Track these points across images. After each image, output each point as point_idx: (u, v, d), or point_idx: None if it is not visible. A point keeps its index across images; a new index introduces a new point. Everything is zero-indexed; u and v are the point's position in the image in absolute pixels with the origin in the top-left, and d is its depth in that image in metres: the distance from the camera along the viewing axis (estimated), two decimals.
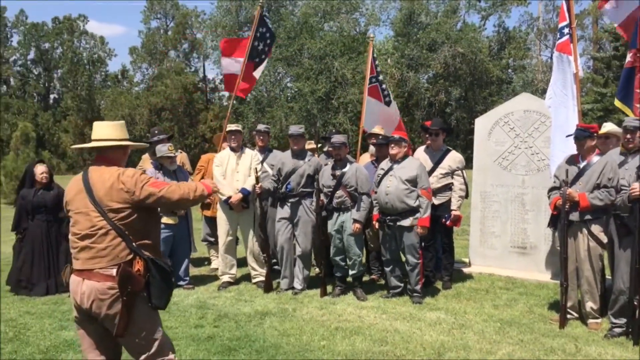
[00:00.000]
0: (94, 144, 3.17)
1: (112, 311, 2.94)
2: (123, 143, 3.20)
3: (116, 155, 3.19)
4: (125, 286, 2.90)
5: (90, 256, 2.97)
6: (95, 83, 42.07)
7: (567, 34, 5.73)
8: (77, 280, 3.01)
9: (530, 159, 7.11)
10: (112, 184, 2.98)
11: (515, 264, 7.17)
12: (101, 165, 3.11)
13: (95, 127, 3.23)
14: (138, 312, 2.99)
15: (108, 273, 2.94)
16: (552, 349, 4.55)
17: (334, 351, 4.54)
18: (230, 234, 6.69)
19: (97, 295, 2.93)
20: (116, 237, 2.97)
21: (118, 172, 3.03)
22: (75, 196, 3.08)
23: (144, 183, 3.01)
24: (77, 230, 3.04)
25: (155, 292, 3.02)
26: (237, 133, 6.74)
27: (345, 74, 29.55)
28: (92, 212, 2.98)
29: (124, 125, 3.28)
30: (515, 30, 38.75)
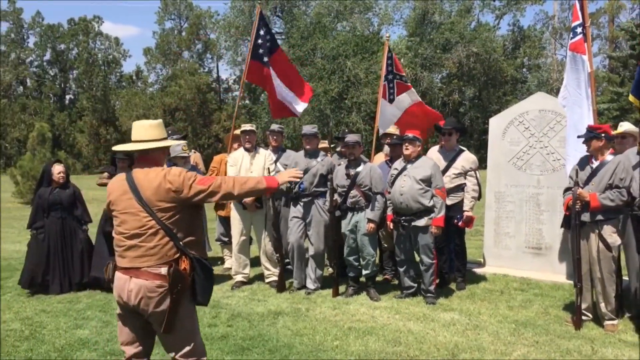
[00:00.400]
0: (138, 146, 3.17)
1: (159, 308, 3.02)
2: (165, 144, 3.24)
3: (158, 155, 3.22)
4: (176, 285, 2.99)
5: (139, 254, 3.04)
6: (110, 84, 42.43)
7: (581, 33, 5.67)
8: (124, 278, 3.08)
9: (545, 158, 7.05)
10: (159, 184, 3.03)
11: (530, 264, 7.11)
12: (144, 167, 3.15)
13: (136, 128, 3.23)
14: (183, 309, 3.09)
15: (157, 271, 3.02)
16: (568, 350, 4.50)
17: (347, 351, 4.53)
18: (244, 234, 6.71)
19: (145, 293, 3.01)
20: (164, 236, 3.04)
21: (164, 172, 3.08)
22: (120, 197, 3.13)
23: (192, 181, 3.06)
24: (125, 230, 3.09)
25: (199, 289, 3.12)
26: (251, 133, 6.76)
27: (358, 74, 29.51)
28: (141, 212, 3.04)
29: (162, 124, 3.30)
30: (530, 29, 38.45)
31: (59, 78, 43.91)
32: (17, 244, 9.77)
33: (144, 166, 3.15)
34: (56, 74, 44.01)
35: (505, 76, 34.93)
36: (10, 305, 5.86)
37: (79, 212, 6.57)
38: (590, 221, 5.03)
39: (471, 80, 34.44)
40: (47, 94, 42.49)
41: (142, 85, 43.17)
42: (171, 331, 3.06)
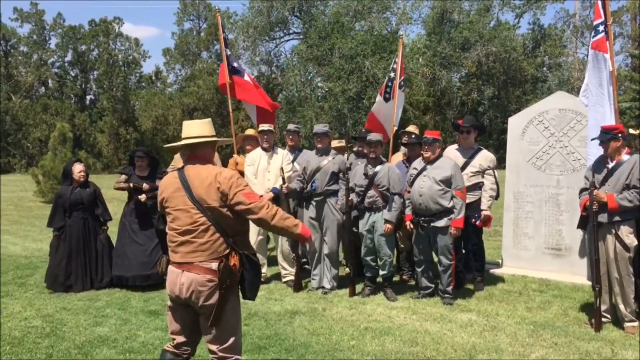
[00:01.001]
0: (185, 142, 3.29)
1: (209, 302, 3.12)
2: (211, 139, 3.30)
3: (207, 152, 3.31)
4: (225, 280, 3.10)
5: (191, 250, 3.15)
6: (130, 84, 42.84)
7: (603, 32, 5.59)
8: (177, 272, 3.19)
9: (565, 158, 6.96)
10: (211, 182, 3.12)
11: (549, 265, 7.03)
12: (195, 164, 3.25)
13: (186, 126, 3.34)
14: (230, 305, 3.19)
15: (208, 266, 3.12)
16: (587, 352, 4.45)
17: (363, 351, 4.52)
18: (261, 233, 6.73)
19: (196, 287, 3.11)
20: (215, 232, 3.14)
21: (216, 171, 3.18)
22: (172, 194, 3.23)
23: (239, 190, 3.14)
24: (177, 226, 3.20)
25: (248, 285, 3.23)
26: (268, 133, 6.79)
27: (376, 74, 29.41)
28: (192, 209, 3.15)
29: (211, 122, 3.40)
30: (551, 27, 37.97)
31: (79, 79, 44.48)
32: (38, 242, 9.92)
33: (195, 163, 3.25)
34: (77, 75, 44.58)
35: (525, 75, 34.54)
36: (32, 303, 5.95)
37: (100, 211, 6.65)
38: (607, 222, 4.97)
39: (490, 80, 34.13)
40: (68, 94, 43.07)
41: (161, 86, 43.56)
42: (217, 324, 3.15)
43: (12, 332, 4.99)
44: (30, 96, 41.14)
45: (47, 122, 36.42)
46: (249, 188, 3.20)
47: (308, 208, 6.42)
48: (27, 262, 8.12)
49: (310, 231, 3.45)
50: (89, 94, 45.48)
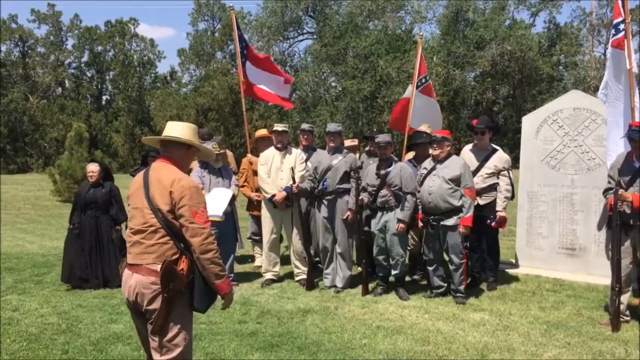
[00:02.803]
0: (161, 137, 3.21)
1: (152, 306, 2.98)
2: (187, 142, 3.19)
3: (179, 154, 3.19)
4: (167, 283, 2.91)
5: (140, 251, 3.03)
6: (145, 84, 43.17)
7: (623, 30, 5.55)
8: (128, 274, 3.08)
9: (580, 157, 6.91)
10: (166, 185, 3.01)
11: (563, 265, 6.99)
12: (164, 163, 3.15)
13: (168, 125, 3.26)
14: (175, 312, 3.00)
15: (153, 268, 2.98)
16: (601, 352, 4.42)
17: (375, 350, 4.54)
18: (274, 232, 6.78)
19: (140, 289, 2.99)
20: (165, 235, 3.00)
21: (176, 176, 3.05)
22: (135, 191, 3.15)
23: (189, 204, 2.98)
24: (132, 225, 3.11)
25: (197, 293, 3.02)
26: (283, 133, 6.82)
27: (390, 73, 29.35)
28: (146, 209, 3.04)
29: (194, 128, 3.28)
30: (567, 26, 37.59)
31: (96, 79, 44.92)
32: (55, 241, 10.06)
33: (164, 163, 3.15)
34: (93, 75, 45.02)
35: (540, 74, 34.20)
36: (49, 300, 6.05)
37: (114, 211, 6.72)
38: (636, 223, 4.91)
39: (505, 79, 33.83)
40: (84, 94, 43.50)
41: (176, 86, 43.81)
42: (159, 333, 2.99)
43: (29, 328, 5.08)
44: (47, 97, 41.61)
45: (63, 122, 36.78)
46: (201, 207, 3.02)
47: (320, 207, 6.45)
48: (44, 260, 8.24)
49: (231, 288, 3.14)
50: (104, 94, 45.92)
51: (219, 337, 4.79)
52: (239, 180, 7.52)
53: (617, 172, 5.04)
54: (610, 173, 5.22)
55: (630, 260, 5.04)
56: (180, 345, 3.04)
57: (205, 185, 6.50)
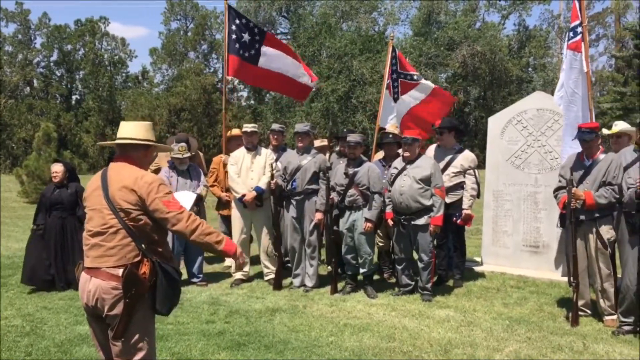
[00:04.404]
0: (116, 142, 3.17)
1: (113, 312, 2.91)
2: (143, 142, 3.14)
3: (137, 155, 3.15)
4: (129, 288, 2.87)
5: (99, 254, 2.95)
6: (116, 84, 42.60)
7: (580, 33, 5.72)
8: (86, 278, 3.00)
9: (543, 157, 7.08)
10: (128, 184, 2.95)
11: (527, 262, 7.15)
12: (123, 163, 3.10)
13: (121, 126, 3.21)
14: (138, 317, 2.95)
15: (114, 272, 2.90)
16: (560, 346, 4.56)
17: (342, 347, 4.59)
18: (244, 232, 6.79)
19: (100, 294, 2.91)
20: (126, 237, 2.93)
21: (138, 174, 3.01)
22: (92, 193, 3.07)
23: (158, 196, 2.95)
24: (90, 227, 3.02)
25: (160, 296, 2.96)
26: (252, 134, 6.83)
27: (364, 73, 29.56)
28: (105, 210, 2.96)
29: (150, 126, 3.24)
30: (536, 28, 38.29)
31: (65, 78, 44.11)
32: (21, 243, 9.84)
33: (122, 163, 3.11)
34: (63, 75, 44.21)
35: (510, 76, 34.79)
36: (13, 302, 5.96)
37: (80, 212, 6.61)
38: (587, 219, 5.09)
39: (476, 80, 34.32)
40: (53, 94, 42.67)
41: (148, 86, 43.30)
42: (121, 338, 2.92)
43: None
44: (15, 96, 40.72)
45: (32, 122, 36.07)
46: (170, 196, 3.00)
47: (289, 208, 6.48)
48: (9, 262, 8.09)
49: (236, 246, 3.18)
50: (74, 94, 45.10)
51: (186, 337, 4.78)
52: (209, 179, 7.51)
53: (569, 171, 5.20)
54: (562, 172, 5.39)
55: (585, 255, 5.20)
56: (144, 348, 3.00)
57: (173, 186, 6.48)
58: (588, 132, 5.11)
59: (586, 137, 5.10)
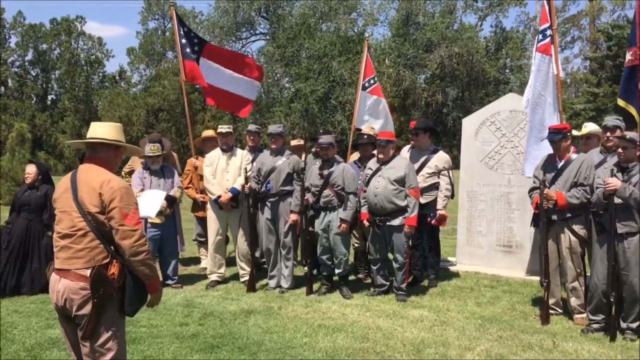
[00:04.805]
0: (84, 140, 3.19)
1: (81, 312, 2.95)
2: (112, 142, 3.15)
3: (106, 156, 3.15)
4: (97, 288, 2.89)
5: (69, 256, 2.99)
6: (93, 84, 42.15)
7: (549, 36, 5.81)
8: (55, 279, 3.03)
9: (516, 158, 7.17)
10: (95, 187, 2.97)
11: (501, 262, 7.24)
12: (91, 165, 3.12)
13: (91, 127, 3.23)
14: (106, 317, 2.99)
15: (83, 273, 2.94)
16: (530, 345, 4.62)
17: (315, 348, 4.60)
18: (220, 234, 6.76)
19: (69, 294, 2.95)
20: (94, 239, 2.97)
21: (105, 178, 3.02)
22: (61, 195, 3.09)
23: (120, 205, 2.96)
24: (60, 229, 3.05)
25: (127, 298, 3.01)
26: (227, 135, 6.81)
27: (343, 74, 29.64)
28: (74, 212, 2.99)
29: (120, 127, 3.26)
30: (513, 30, 38.78)
31: (40, 78, 43.50)
32: None
33: (92, 164, 3.12)
34: (38, 74, 43.60)
35: (487, 77, 35.18)
36: None
37: (47, 216, 6.41)
38: (560, 219, 5.18)
39: (454, 81, 34.62)
40: (28, 94, 42.05)
41: (125, 86, 42.91)
42: (90, 338, 2.96)
43: None
44: None
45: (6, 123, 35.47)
46: (133, 209, 3.01)
47: (263, 209, 6.48)
48: None
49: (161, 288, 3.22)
50: (50, 94, 44.54)
51: (159, 340, 4.75)
52: (183, 181, 7.47)
53: (542, 172, 5.30)
54: (535, 173, 5.47)
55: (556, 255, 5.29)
56: (113, 349, 3.03)
57: (146, 186, 6.45)
58: (555, 133, 5.21)
59: (553, 138, 5.21)
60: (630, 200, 4.58)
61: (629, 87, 5.89)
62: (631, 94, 5.83)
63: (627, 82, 5.98)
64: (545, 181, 5.24)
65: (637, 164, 4.74)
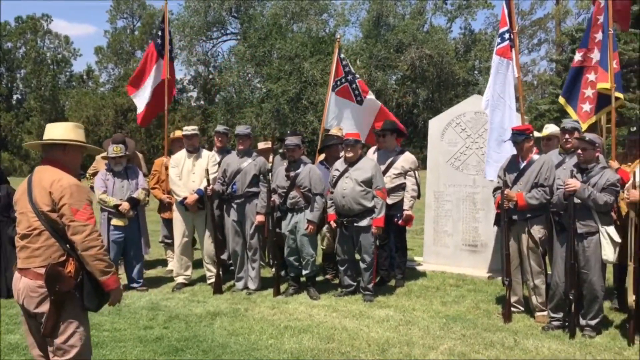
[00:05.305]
0: (38, 142, 3.26)
1: (40, 310, 3.00)
2: (61, 142, 3.16)
3: (57, 155, 3.18)
4: (52, 285, 2.94)
5: (27, 255, 3.06)
6: (60, 83, 41.36)
7: (508, 39, 5.91)
8: (17, 277, 3.11)
9: (480, 159, 7.27)
10: (46, 186, 3.03)
11: (466, 261, 7.35)
12: (46, 166, 3.15)
13: (47, 128, 3.27)
14: (66, 313, 3.03)
15: (40, 272, 2.99)
16: (492, 342, 4.70)
17: (281, 349, 4.60)
18: (186, 235, 6.70)
19: (27, 292, 3.02)
20: (49, 237, 3.03)
21: (56, 177, 3.06)
22: (20, 196, 3.15)
23: (70, 202, 2.99)
24: (19, 230, 3.12)
25: (86, 294, 3.06)
26: (192, 136, 6.75)
27: (314, 75, 29.70)
28: (30, 213, 3.06)
29: (77, 127, 3.27)
30: (481, 32, 39.39)
31: (5, 77, 42.44)
32: None
33: (47, 165, 3.16)
34: (2, 73, 42.52)
35: (457, 78, 35.66)
36: None
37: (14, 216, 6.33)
38: (520, 219, 5.28)
39: (424, 82, 35.02)
40: None
41: (93, 85, 42.19)
42: (51, 335, 3.01)
43: None
44: None
45: None
46: (84, 205, 3.04)
47: (229, 211, 6.45)
48: None
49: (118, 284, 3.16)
50: (15, 94, 43.49)
51: (122, 344, 4.69)
52: (150, 181, 7.38)
53: (504, 172, 5.40)
54: (500, 173, 5.58)
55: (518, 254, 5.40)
56: (77, 345, 3.08)
57: (109, 188, 6.36)
58: (518, 134, 5.31)
59: (516, 139, 5.31)
60: (589, 200, 4.69)
61: (572, 88, 6.05)
62: (573, 95, 5.99)
63: (571, 82, 6.14)
64: (507, 181, 5.35)
65: (596, 165, 4.87)
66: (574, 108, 6.22)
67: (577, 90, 6.22)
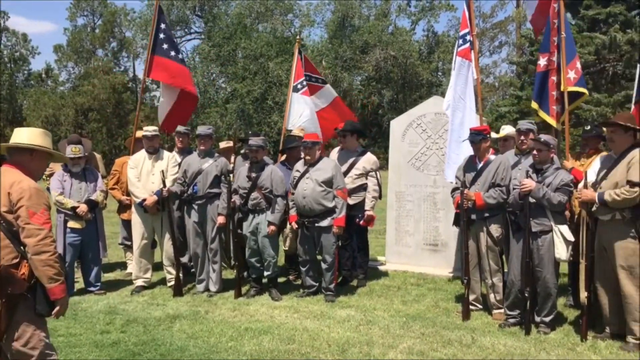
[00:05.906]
0: (8, 145, 3.25)
1: None
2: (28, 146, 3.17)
3: (22, 159, 3.18)
4: (4, 287, 2.92)
5: None
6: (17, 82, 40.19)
7: (469, 41, 6.01)
8: None
9: (441, 159, 7.37)
10: (5, 187, 3.01)
11: (427, 260, 7.44)
12: (8, 168, 3.15)
13: (14, 132, 3.29)
14: (21, 317, 3.02)
15: None
16: (450, 340, 4.77)
17: (240, 352, 4.57)
18: (146, 237, 6.59)
19: None
20: (4, 239, 3.00)
21: (17, 179, 3.05)
22: None
23: (27, 205, 2.99)
24: None
25: (39, 297, 3.04)
26: (152, 137, 6.64)
27: (280, 75, 29.65)
28: None
29: (46, 134, 3.29)
30: (444, 34, 39.94)
31: None
32: None
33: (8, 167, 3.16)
34: None
35: (421, 79, 36.07)
36: None
37: None
38: (478, 219, 5.38)
39: (389, 83, 35.31)
40: None
41: (53, 84, 41.11)
42: (3, 339, 2.99)
43: None
44: None
45: None
46: (42, 209, 3.03)
47: (190, 212, 6.37)
48: None
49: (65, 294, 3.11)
50: None
51: (77, 350, 4.59)
52: (110, 181, 7.24)
53: (462, 173, 5.49)
54: (458, 174, 5.67)
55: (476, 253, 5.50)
56: (38, 347, 3.08)
57: (66, 189, 6.21)
58: (475, 134, 5.41)
59: (474, 139, 5.41)
60: (543, 200, 4.81)
61: (542, 92, 6.19)
62: (543, 99, 6.13)
63: (540, 87, 6.28)
64: (466, 182, 5.44)
65: (551, 166, 4.99)
66: (546, 112, 6.33)
67: (546, 94, 6.35)
